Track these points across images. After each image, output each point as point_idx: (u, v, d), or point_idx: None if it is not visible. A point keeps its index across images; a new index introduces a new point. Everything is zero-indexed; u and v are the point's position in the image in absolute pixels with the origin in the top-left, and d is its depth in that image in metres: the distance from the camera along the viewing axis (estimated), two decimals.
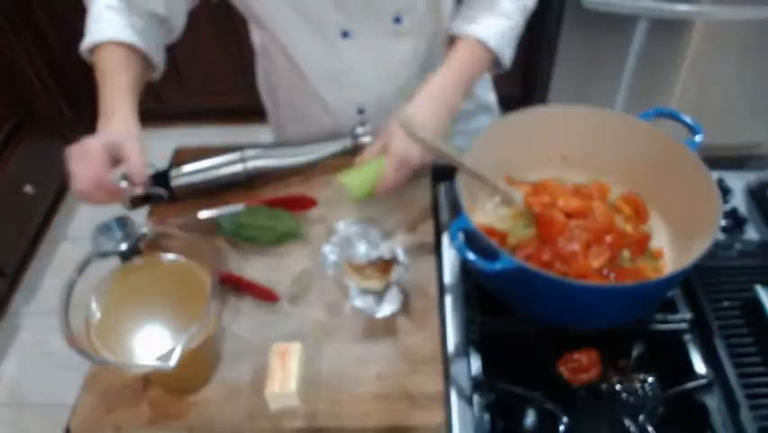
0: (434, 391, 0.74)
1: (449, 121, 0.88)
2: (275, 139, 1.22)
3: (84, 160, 0.76)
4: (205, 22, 2.20)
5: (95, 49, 0.87)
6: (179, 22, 0.97)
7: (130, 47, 0.87)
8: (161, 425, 0.74)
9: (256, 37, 1.08)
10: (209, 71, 2.37)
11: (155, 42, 0.93)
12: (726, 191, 0.94)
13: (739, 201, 0.94)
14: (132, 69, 0.87)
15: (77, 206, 2.37)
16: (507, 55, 0.92)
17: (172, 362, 0.61)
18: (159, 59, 0.95)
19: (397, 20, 0.91)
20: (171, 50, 0.99)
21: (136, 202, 0.98)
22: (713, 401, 0.70)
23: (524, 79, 2.29)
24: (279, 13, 0.91)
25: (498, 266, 0.64)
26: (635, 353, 0.76)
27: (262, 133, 2.59)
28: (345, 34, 0.92)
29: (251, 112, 2.59)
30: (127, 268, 0.74)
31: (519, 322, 0.78)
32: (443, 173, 0.99)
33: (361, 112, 1.04)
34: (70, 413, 0.76)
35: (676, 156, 0.80)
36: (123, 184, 0.74)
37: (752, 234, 0.89)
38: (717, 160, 1.01)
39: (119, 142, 0.78)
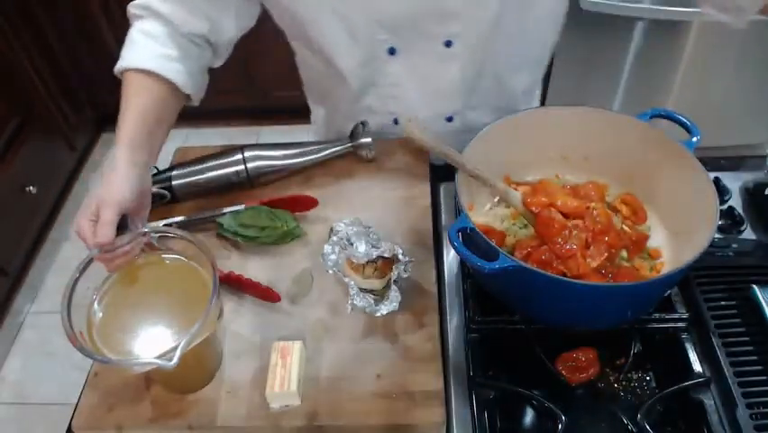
0: (434, 389, 0.75)
1: None
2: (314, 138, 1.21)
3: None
4: None
5: (123, 73, 0.86)
6: (225, 45, 0.96)
7: (157, 77, 0.85)
8: (163, 423, 0.74)
9: (296, 47, 1.06)
10: (209, 71, 2.37)
11: (195, 67, 0.91)
12: (723, 191, 0.95)
13: (736, 201, 0.94)
14: (150, 103, 0.85)
15: (79, 206, 2.38)
16: None
17: (173, 361, 0.61)
18: (194, 86, 0.92)
19: (448, 44, 0.90)
20: None
21: None
22: (710, 400, 0.71)
23: None
24: (327, 26, 0.90)
25: (496, 266, 0.65)
26: (632, 352, 0.77)
27: (262, 133, 2.60)
28: (392, 51, 0.91)
29: (252, 112, 2.61)
30: (129, 267, 0.75)
31: (518, 321, 0.79)
32: (443, 173, 1.00)
33: (396, 123, 1.05)
34: (72, 412, 0.77)
35: (674, 156, 0.80)
36: (95, 253, 0.73)
37: (749, 233, 0.90)
38: (715, 160, 1.01)
39: (99, 205, 0.74)
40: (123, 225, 0.75)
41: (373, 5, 0.86)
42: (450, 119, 1.02)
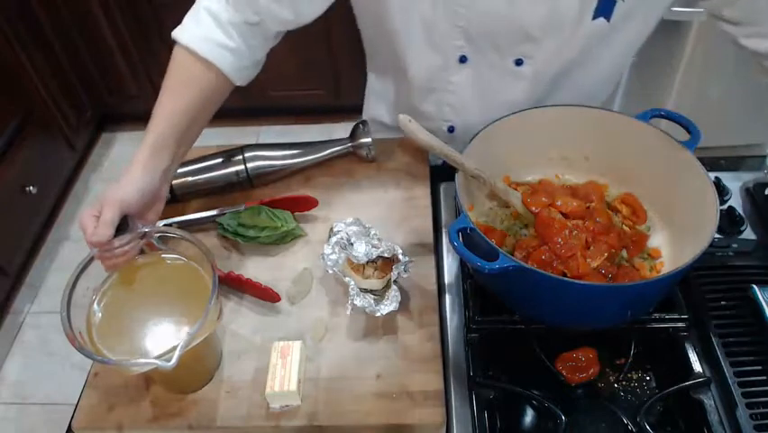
0: (434, 389, 0.75)
1: None
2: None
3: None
4: None
5: (176, 47, 0.83)
6: (283, 33, 0.92)
7: (211, 65, 0.82)
8: (163, 423, 0.74)
9: (368, 34, 1.04)
10: None
11: (256, 45, 0.88)
12: (723, 191, 0.95)
13: (736, 201, 0.94)
14: (194, 99, 0.82)
15: (79, 206, 2.38)
16: None
17: (172, 361, 0.61)
18: (246, 78, 0.89)
19: (519, 62, 0.89)
20: (171, 51, 0.98)
21: None
22: (710, 400, 0.71)
23: None
24: (409, 32, 0.89)
25: (496, 266, 0.65)
26: (632, 352, 0.77)
27: (262, 133, 2.61)
28: (463, 60, 0.91)
29: (252, 112, 2.61)
30: (128, 267, 0.75)
31: (518, 321, 0.79)
32: (443, 173, 1.00)
33: (451, 131, 1.04)
34: (72, 412, 0.77)
35: (674, 157, 0.80)
36: (95, 252, 0.73)
37: (749, 234, 0.90)
38: (715, 160, 1.01)
39: (102, 204, 0.73)
40: (124, 226, 0.75)
41: (463, 16, 0.85)
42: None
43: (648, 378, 0.76)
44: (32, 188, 2.09)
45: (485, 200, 0.89)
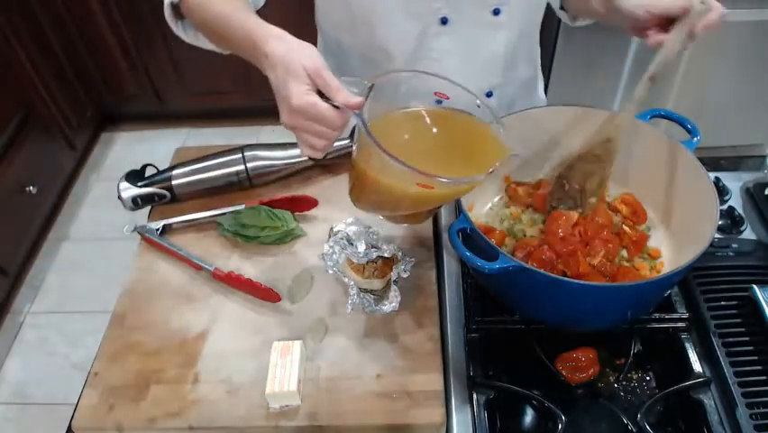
0: (434, 389, 0.75)
1: None
2: None
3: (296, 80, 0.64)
4: None
5: None
6: None
7: None
8: (162, 423, 0.74)
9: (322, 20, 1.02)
10: (209, 72, 2.38)
11: None
12: (723, 191, 0.95)
13: (736, 201, 0.94)
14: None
15: (79, 206, 2.38)
16: None
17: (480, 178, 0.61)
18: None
19: (496, 12, 0.90)
20: (171, 51, 0.98)
21: (137, 202, 0.99)
22: (710, 400, 0.71)
23: None
24: (384, 4, 0.88)
25: (496, 266, 0.65)
26: (632, 351, 0.77)
27: (262, 133, 2.60)
28: (444, 21, 0.90)
29: (252, 112, 2.61)
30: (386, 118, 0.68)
31: (518, 321, 0.79)
32: None
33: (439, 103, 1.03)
34: (73, 412, 0.77)
35: (673, 157, 0.80)
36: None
37: (749, 234, 0.90)
38: (715, 160, 1.01)
39: (314, 74, 0.63)
40: None
41: None
42: (489, 94, 1.01)
43: (648, 378, 0.76)
44: (31, 188, 2.09)
45: (485, 200, 0.89)
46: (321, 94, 0.63)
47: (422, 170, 0.58)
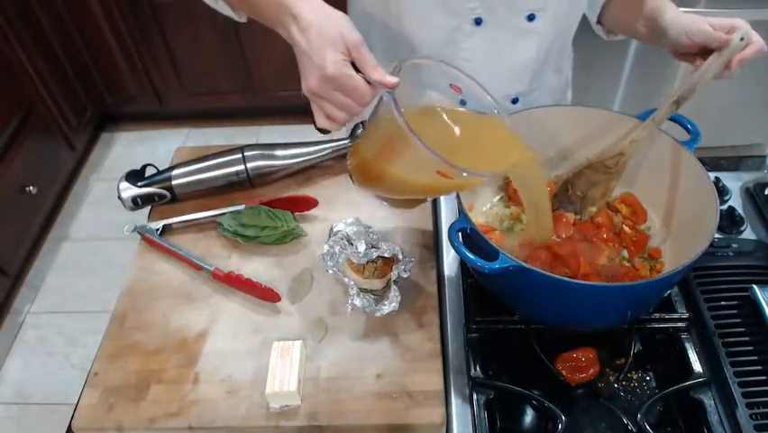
0: (434, 389, 0.75)
1: None
2: None
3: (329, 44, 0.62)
4: (205, 22, 2.21)
5: None
6: None
7: None
8: (163, 423, 0.74)
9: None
10: (209, 72, 2.38)
11: None
12: (723, 191, 0.95)
13: (736, 201, 0.94)
14: None
15: (79, 206, 2.38)
16: None
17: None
18: None
19: (531, 17, 0.89)
20: (171, 51, 0.98)
21: (137, 202, 0.99)
22: (710, 400, 0.71)
23: None
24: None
25: (496, 266, 0.65)
26: (632, 352, 0.76)
27: (262, 133, 2.61)
28: (478, 22, 0.89)
29: (252, 112, 2.61)
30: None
31: (518, 321, 0.79)
32: None
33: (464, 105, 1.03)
34: (73, 412, 0.77)
35: (674, 157, 0.80)
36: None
37: (749, 234, 0.90)
38: (715, 160, 1.01)
39: (352, 47, 0.62)
40: None
41: None
42: (515, 101, 1.01)
43: (648, 378, 0.76)
44: (31, 188, 2.09)
45: (485, 200, 0.89)
46: (353, 67, 0.62)
47: (449, 159, 0.58)
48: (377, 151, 0.66)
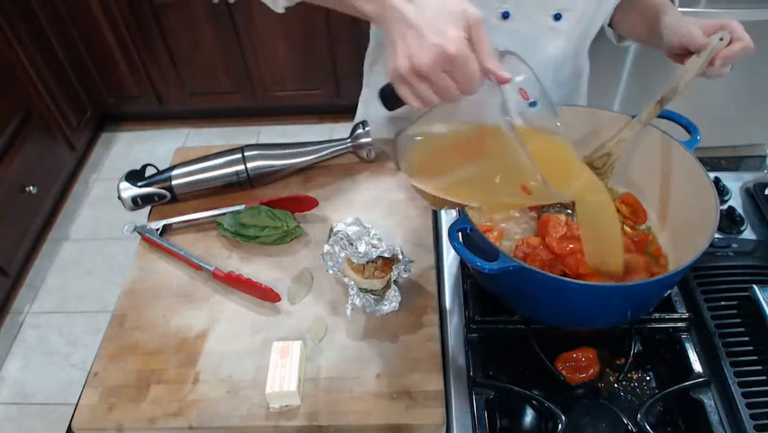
0: (434, 389, 0.75)
1: None
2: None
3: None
4: (205, 22, 2.21)
5: None
6: None
7: None
8: (163, 423, 0.74)
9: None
10: (209, 72, 2.38)
11: None
12: (723, 191, 0.95)
13: (736, 201, 0.94)
14: None
15: (79, 206, 2.38)
16: None
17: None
18: None
19: (557, 17, 0.89)
20: (171, 52, 0.98)
21: (137, 202, 0.99)
22: (710, 400, 0.71)
23: None
24: None
25: (496, 266, 0.65)
26: (632, 352, 0.76)
27: (262, 133, 2.61)
28: (505, 16, 0.88)
29: (252, 112, 2.62)
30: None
31: (518, 321, 0.79)
32: None
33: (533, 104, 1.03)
34: (73, 412, 0.77)
35: (674, 157, 0.80)
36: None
37: (749, 234, 0.90)
38: (715, 160, 1.01)
39: (473, 24, 0.55)
40: None
41: None
42: (533, 104, 1.01)
43: (648, 378, 0.76)
44: (31, 188, 2.09)
45: None
46: None
47: (545, 178, 0.53)
48: (456, 147, 0.61)
